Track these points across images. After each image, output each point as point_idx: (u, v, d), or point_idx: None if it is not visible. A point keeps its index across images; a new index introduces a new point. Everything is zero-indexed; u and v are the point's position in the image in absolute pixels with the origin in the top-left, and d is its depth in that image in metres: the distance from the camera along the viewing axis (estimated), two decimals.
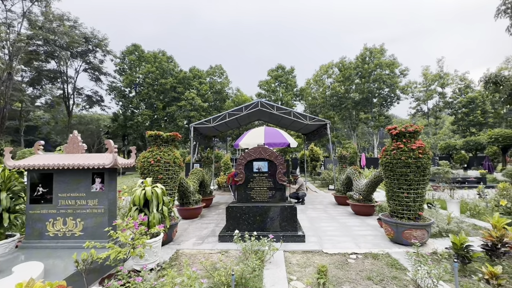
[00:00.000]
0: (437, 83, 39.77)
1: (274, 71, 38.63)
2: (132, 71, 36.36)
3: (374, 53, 37.05)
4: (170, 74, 37.30)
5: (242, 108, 10.43)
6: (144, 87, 36.41)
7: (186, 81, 37.68)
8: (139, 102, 37.26)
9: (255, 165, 5.62)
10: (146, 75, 36.14)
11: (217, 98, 38.95)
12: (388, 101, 38.61)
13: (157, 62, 36.25)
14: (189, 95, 35.21)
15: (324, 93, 40.56)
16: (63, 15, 30.73)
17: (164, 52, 37.84)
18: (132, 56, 35.93)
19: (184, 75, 37.70)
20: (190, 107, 35.90)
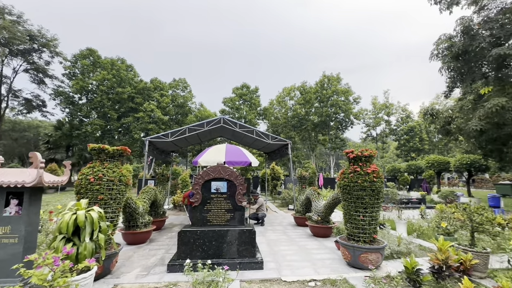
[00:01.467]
0: (383, 111, 44.52)
1: (239, 89, 39.19)
2: (85, 77, 33.37)
3: (331, 80, 40.24)
4: (128, 84, 35.16)
5: (203, 123, 10.05)
6: (98, 95, 33.52)
7: (146, 92, 35.86)
8: (90, 110, 34.02)
9: (213, 185, 5.24)
10: (100, 82, 33.45)
11: (179, 112, 37.66)
12: (343, 125, 41.70)
13: (115, 70, 33.99)
14: (148, 107, 33.40)
15: (286, 114, 42.21)
16: (4, 8, 27.30)
17: (123, 60, 35.80)
18: (86, 61, 33.12)
19: (145, 85, 35.90)
20: (148, 119, 33.92)
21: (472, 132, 10.63)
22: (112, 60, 34.56)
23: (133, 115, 34.15)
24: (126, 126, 34.62)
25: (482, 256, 4.43)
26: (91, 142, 31.43)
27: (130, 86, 35.12)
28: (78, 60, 33.27)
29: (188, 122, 34.77)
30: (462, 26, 11.46)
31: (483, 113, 9.99)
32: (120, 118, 34.84)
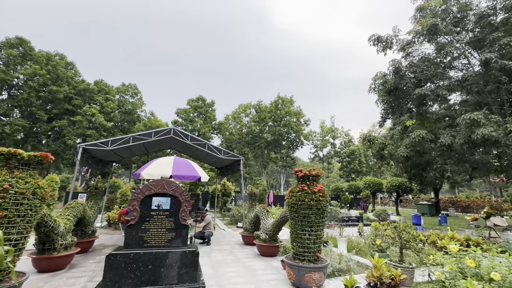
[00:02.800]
0: (330, 135, 48.55)
1: (194, 101, 38.33)
2: (9, 69, 28.49)
3: (285, 102, 42.51)
4: (66, 82, 31.19)
5: (151, 133, 9.32)
6: (24, 91, 28.78)
7: (88, 94, 32.27)
8: (11, 107, 28.85)
9: (155, 201, 4.73)
10: (30, 77, 28.92)
11: (125, 118, 34.68)
12: (294, 145, 43.89)
13: (50, 65, 29.90)
14: (88, 110, 29.92)
15: (241, 130, 42.61)
16: None
17: (62, 55, 31.86)
18: (12, 51, 28.44)
19: (87, 87, 32.32)
20: (87, 124, 30.28)
21: (400, 158, 12.21)
22: (48, 55, 30.45)
23: (69, 118, 30.12)
24: (59, 130, 30.26)
25: (409, 271, 4.87)
26: (10, 145, 26.37)
27: (69, 85, 31.20)
28: (2, 48, 28.40)
29: (135, 131, 32.17)
30: (393, 67, 13.43)
31: (408, 142, 11.61)
32: (51, 120, 30.33)
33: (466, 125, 9.95)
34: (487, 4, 13.04)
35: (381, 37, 13.68)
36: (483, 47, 12.11)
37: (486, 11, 12.82)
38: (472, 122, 9.77)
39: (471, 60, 13.49)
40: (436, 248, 7.28)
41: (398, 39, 13.99)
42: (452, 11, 13.15)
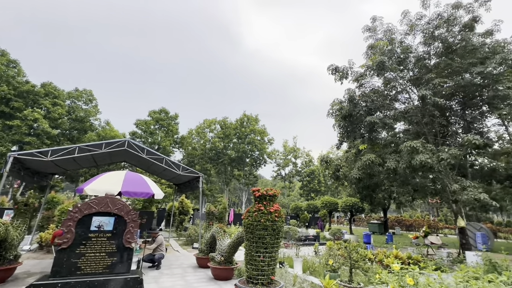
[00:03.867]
0: (292, 154, 50.23)
1: (157, 113, 36.79)
2: None
3: (250, 120, 43.22)
4: (6, 82, 27.58)
5: (102, 144, 8.55)
6: None
7: (32, 97, 28.85)
8: None
9: (95, 221, 4.24)
10: None
11: (75, 126, 31.56)
12: (257, 163, 44.27)
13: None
14: (30, 115, 26.60)
15: (205, 145, 41.77)
16: None
17: (4, 52, 28.33)
18: None
19: (31, 88, 28.93)
20: (27, 130, 26.76)
21: (353, 179, 13.06)
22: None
23: (4, 122, 26.34)
24: None
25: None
26: None
27: (8, 85, 27.60)
28: None
29: (86, 140, 29.35)
30: (348, 95, 14.71)
31: (360, 165, 12.53)
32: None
33: (408, 151, 11.16)
34: (423, 49, 15.31)
35: (338, 68, 15.01)
36: (420, 85, 14.02)
37: (422, 55, 15.00)
38: (412, 150, 11.01)
39: (412, 95, 15.45)
40: (382, 266, 7.72)
41: (353, 71, 15.48)
42: (397, 52, 15.10)
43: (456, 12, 14.08)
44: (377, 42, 14.86)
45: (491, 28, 14.06)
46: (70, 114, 31.37)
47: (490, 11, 13.79)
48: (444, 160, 10.60)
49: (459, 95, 15.12)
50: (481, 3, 13.71)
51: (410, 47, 15.00)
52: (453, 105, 15.82)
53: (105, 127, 34.72)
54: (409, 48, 14.83)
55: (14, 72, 28.65)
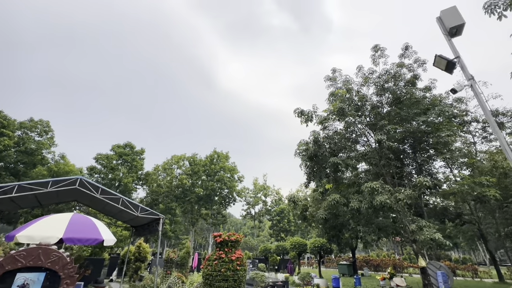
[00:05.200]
0: (262, 192, 49.75)
1: (121, 147, 34.92)
2: None
3: (221, 157, 42.87)
4: None
5: (48, 183, 7.65)
6: None
7: None
8: None
9: (19, 278, 3.54)
10: None
11: (23, 159, 28.34)
12: (226, 201, 42.80)
13: None
14: None
15: (171, 182, 39.76)
16: None
17: None
18: None
19: None
20: None
21: (320, 220, 13.11)
22: None
23: None
24: None
25: None
26: None
27: None
28: None
29: (34, 176, 26.27)
30: (313, 137, 15.56)
31: (326, 205, 12.74)
32: None
33: (368, 192, 11.72)
34: (377, 99, 17.25)
35: (303, 111, 16.06)
36: (376, 130, 15.44)
37: (376, 104, 16.84)
38: (372, 190, 11.60)
39: (370, 138, 16.85)
40: None
41: (317, 114, 16.67)
42: (354, 100, 16.79)
43: (400, 70, 16.44)
44: (337, 90, 16.45)
45: (429, 84, 16.56)
46: (18, 146, 28.33)
47: (426, 71, 16.34)
48: (401, 201, 11.25)
49: (409, 140, 16.85)
50: (419, 64, 16.27)
51: (365, 96, 16.80)
52: (406, 148, 17.50)
53: (59, 161, 31.69)
54: (364, 97, 16.60)
55: None
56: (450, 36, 4.53)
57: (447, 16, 4.57)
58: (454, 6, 4.60)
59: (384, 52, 17.02)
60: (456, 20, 4.42)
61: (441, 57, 4.57)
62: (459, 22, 4.39)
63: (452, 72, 4.58)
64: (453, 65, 4.50)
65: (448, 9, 4.63)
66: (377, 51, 17.21)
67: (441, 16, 4.66)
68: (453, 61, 4.48)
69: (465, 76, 4.45)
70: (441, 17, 4.66)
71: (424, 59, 16.44)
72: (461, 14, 4.47)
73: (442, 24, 4.62)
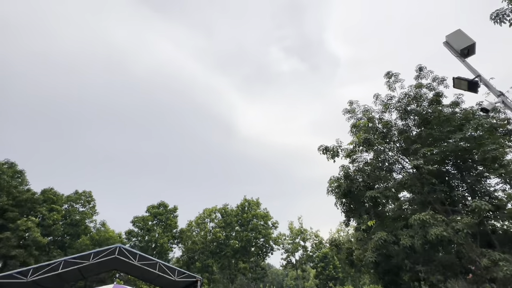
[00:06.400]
0: (300, 237, 46.54)
1: (155, 207, 35.97)
2: None
3: (252, 204, 42.08)
4: (6, 192, 27.87)
5: (90, 255, 7.91)
6: None
7: (29, 205, 28.60)
8: None
9: None
10: None
11: (69, 231, 30.07)
12: (264, 251, 40.42)
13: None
14: (23, 224, 25.66)
15: (205, 237, 39.05)
16: None
17: (13, 164, 29.85)
18: None
19: (31, 197, 29.04)
20: (16, 241, 25.25)
21: (370, 264, 11.67)
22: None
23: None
24: None
25: None
26: None
27: (8, 196, 27.77)
28: None
29: (78, 246, 27.40)
30: (343, 172, 14.94)
31: (373, 245, 11.46)
32: None
33: (419, 225, 10.46)
34: (403, 123, 16.62)
35: (328, 147, 15.79)
36: (410, 155, 14.50)
37: (403, 128, 16.18)
38: (423, 222, 10.34)
39: (405, 165, 15.76)
40: None
41: (342, 148, 16.27)
42: (379, 128, 16.33)
43: (420, 90, 16.06)
44: (359, 121, 16.23)
45: (455, 100, 15.80)
46: (65, 219, 30.41)
47: (448, 87, 15.78)
48: (461, 231, 9.82)
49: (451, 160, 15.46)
50: (439, 82, 15.84)
51: (389, 122, 16.31)
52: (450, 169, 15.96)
53: (100, 228, 33.15)
54: (389, 123, 16.12)
55: (17, 182, 29.39)
56: (463, 57, 4.47)
57: (454, 39, 4.58)
58: (458, 30, 4.64)
59: (398, 77, 16.97)
60: (465, 41, 4.40)
61: (460, 79, 4.44)
62: (468, 43, 4.36)
63: (477, 91, 4.38)
64: (475, 84, 4.32)
65: (453, 33, 4.67)
66: (390, 77, 17.22)
67: (447, 41, 4.69)
68: (473, 81, 4.32)
69: (493, 93, 4.21)
70: (447, 41, 4.68)
71: (443, 76, 16.04)
72: (468, 35, 4.47)
73: (451, 48, 4.61)
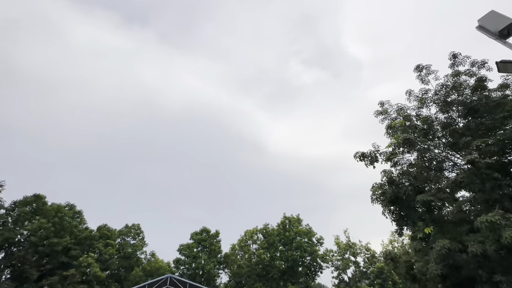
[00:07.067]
0: (349, 252, 43.42)
1: (198, 234, 36.70)
2: (16, 226, 28.87)
3: (292, 221, 40.83)
4: (69, 232, 30.87)
5: (144, 287, 8.23)
6: (23, 248, 27.86)
7: (88, 243, 31.18)
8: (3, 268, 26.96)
9: None
10: (33, 232, 28.82)
11: (123, 264, 31.85)
12: (312, 270, 38.36)
13: (58, 217, 30.59)
14: (84, 261, 27.89)
15: (250, 260, 38.43)
16: None
17: (72, 205, 33.25)
18: (25, 208, 29.86)
19: (89, 234, 31.74)
20: (80, 277, 27.39)
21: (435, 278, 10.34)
22: (59, 207, 31.80)
23: (62, 273, 27.54)
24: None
25: None
26: None
27: (71, 235, 30.69)
28: (18, 207, 29.96)
29: (132, 278, 28.75)
30: (386, 177, 13.93)
31: (436, 256, 10.21)
32: (41, 278, 27.64)
33: (487, 228, 9.13)
34: (445, 116, 15.24)
35: (364, 153, 14.95)
36: (461, 149, 13.09)
37: (447, 121, 14.81)
38: (492, 225, 9.02)
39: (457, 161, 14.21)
40: None
41: (381, 152, 15.28)
42: (418, 125, 15.16)
43: (459, 78, 14.76)
44: (394, 122, 15.30)
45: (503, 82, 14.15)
46: (119, 252, 32.39)
47: (491, 70, 14.27)
48: None
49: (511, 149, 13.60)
50: (479, 67, 14.44)
51: (429, 118, 15.10)
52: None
53: (150, 259, 34.62)
54: (428, 119, 14.93)
55: (77, 222, 32.47)
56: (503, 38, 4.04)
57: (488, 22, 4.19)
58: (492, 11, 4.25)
59: (430, 69, 15.87)
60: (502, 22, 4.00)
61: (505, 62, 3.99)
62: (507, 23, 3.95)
63: None
64: None
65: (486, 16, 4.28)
66: (421, 70, 16.17)
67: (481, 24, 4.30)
68: None
69: None
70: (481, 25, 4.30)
71: (482, 60, 14.60)
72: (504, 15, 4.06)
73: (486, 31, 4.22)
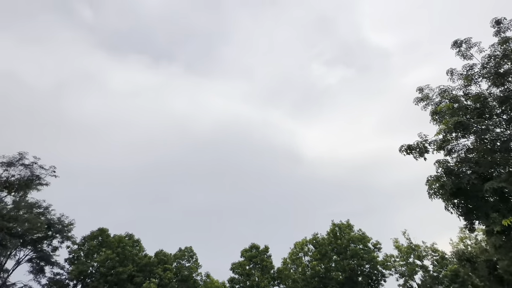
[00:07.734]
0: (412, 255, 39.26)
1: (248, 251, 36.65)
2: (88, 259, 32.08)
3: (343, 228, 38.64)
4: (131, 261, 33.23)
5: None
6: (95, 279, 30.69)
7: (149, 269, 33.14)
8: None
9: None
10: (102, 263, 31.68)
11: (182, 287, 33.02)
12: (374, 279, 35.36)
13: (120, 247, 33.29)
14: (147, 286, 29.59)
15: (304, 273, 36.93)
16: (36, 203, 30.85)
17: (131, 235, 35.99)
18: (93, 242, 33.17)
19: (148, 261, 33.80)
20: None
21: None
22: (120, 237, 34.68)
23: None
24: None
25: None
26: None
27: (133, 263, 33.00)
28: (87, 241, 33.41)
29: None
30: (442, 168, 12.57)
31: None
32: None
33: None
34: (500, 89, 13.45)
35: (411, 145, 13.76)
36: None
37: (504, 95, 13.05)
38: None
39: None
40: None
41: (430, 141, 13.94)
42: (469, 105, 13.60)
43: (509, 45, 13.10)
44: (439, 106, 13.97)
45: None
46: (177, 276, 33.74)
47: None
48: None
49: None
50: None
51: (481, 94, 13.51)
52: None
53: (206, 280, 35.35)
54: (480, 96, 13.36)
55: (136, 250, 34.93)
56: None
57: None
58: None
59: (470, 42, 14.37)
60: None
61: None
62: None
63: None
64: None
65: None
66: (460, 46, 14.73)
67: None
68: None
69: None
70: None
71: None
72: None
73: None
